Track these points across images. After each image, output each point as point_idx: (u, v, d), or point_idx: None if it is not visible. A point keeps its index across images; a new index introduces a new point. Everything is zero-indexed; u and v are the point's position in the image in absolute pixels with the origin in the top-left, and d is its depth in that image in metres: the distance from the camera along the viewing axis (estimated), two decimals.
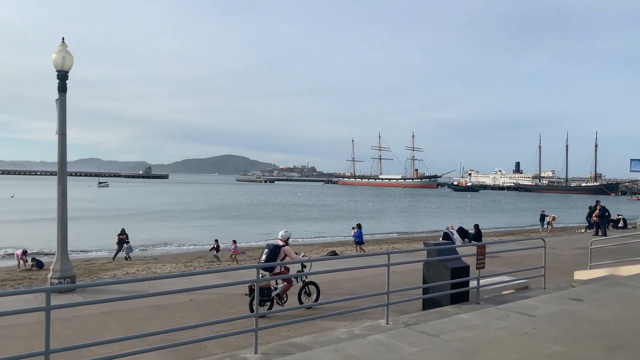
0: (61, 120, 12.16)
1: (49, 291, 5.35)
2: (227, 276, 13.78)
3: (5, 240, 23.69)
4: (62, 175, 12.33)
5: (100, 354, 7.06)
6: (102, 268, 20.97)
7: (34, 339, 8.32)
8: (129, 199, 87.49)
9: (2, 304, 10.25)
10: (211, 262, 22.44)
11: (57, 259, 12.08)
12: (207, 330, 8.47)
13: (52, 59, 11.95)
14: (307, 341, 7.28)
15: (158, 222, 48.52)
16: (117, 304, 10.44)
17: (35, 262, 22.28)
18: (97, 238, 33.90)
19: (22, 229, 38.92)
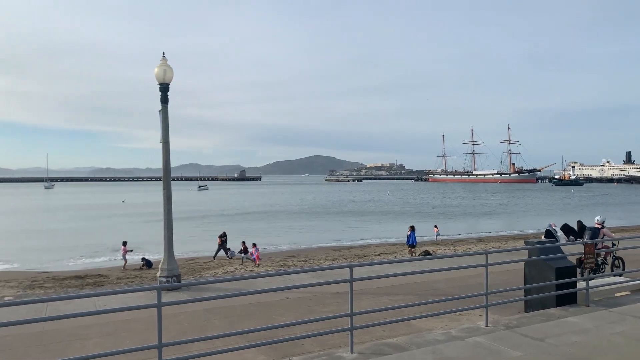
0: (164, 129, 13.06)
1: (159, 289, 5.76)
2: (320, 275, 14.00)
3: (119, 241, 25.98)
4: (166, 180, 13.24)
5: (205, 349, 7.49)
6: (204, 267, 22.23)
7: (146, 333, 9.01)
8: (227, 200, 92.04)
9: (118, 300, 11.23)
10: (304, 261, 22.92)
11: (164, 259, 13.00)
12: (303, 328, 8.66)
13: (154, 73, 12.87)
14: (403, 342, 7.18)
15: (254, 222, 50.52)
16: (218, 302, 11.00)
17: (145, 261, 24.17)
18: (198, 238, 36.04)
19: (133, 230, 42.40)
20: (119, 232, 39.02)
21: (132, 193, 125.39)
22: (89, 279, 20.03)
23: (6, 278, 21.45)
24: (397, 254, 24.21)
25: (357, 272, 13.37)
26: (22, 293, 16.66)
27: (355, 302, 6.97)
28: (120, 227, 45.88)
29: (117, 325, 9.55)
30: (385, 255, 24.64)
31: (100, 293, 6.99)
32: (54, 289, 17.68)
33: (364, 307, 10.36)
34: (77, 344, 8.50)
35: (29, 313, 10.39)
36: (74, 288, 17.61)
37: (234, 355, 7.60)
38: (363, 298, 11.35)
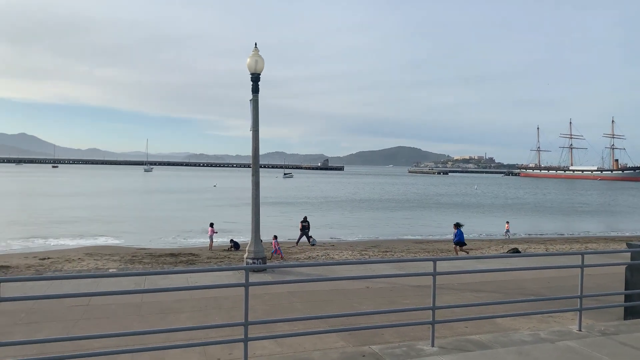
0: (254, 118, 13.55)
1: (247, 269, 6.04)
2: (401, 267, 13.89)
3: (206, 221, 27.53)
4: (255, 167, 13.76)
5: (288, 330, 7.76)
6: (287, 252, 22.89)
7: (233, 311, 9.49)
8: (311, 188, 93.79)
9: (208, 278, 11.90)
10: (385, 252, 22.83)
11: (251, 241, 13.56)
12: (383, 318, 8.67)
13: (246, 63, 13.37)
14: (487, 340, 6.97)
15: (337, 211, 51.06)
16: (300, 285, 11.31)
17: (233, 243, 25.35)
18: (282, 223, 37.12)
19: (222, 213, 44.57)
20: (210, 215, 41.16)
21: (222, 178, 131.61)
22: (182, 257, 21.40)
23: (110, 252, 23.51)
24: (483, 250, 23.37)
25: (440, 266, 13.11)
26: (124, 266, 18.16)
27: (437, 297, 6.86)
28: (210, 210, 48.40)
29: (207, 301, 10.14)
30: (471, 251, 23.89)
31: (193, 270, 7.45)
32: (151, 265, 19.10)
33: (446, 301, 10.16)
34: (172, 316, 9.15)
35: (129, 285, 11.33)
36: (168, 265, 18.90)
37: (315, 338, 7.80)
38: (445, 293, 11.12)
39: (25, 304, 9.45)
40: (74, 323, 8.67)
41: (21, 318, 8.77)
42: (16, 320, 8.59)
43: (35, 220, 38.17)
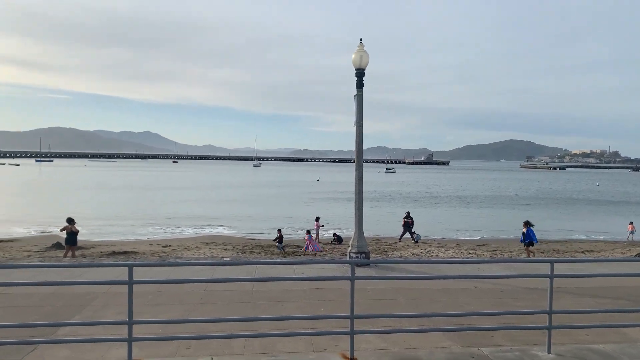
0: (358, 113, 13.62)
1: (353, 264, 6.12)
2: (512, 268, 13.17)
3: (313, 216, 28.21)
4: (359, 162, 13.84)
5: (393, 326, 7.74)
6: (390, 247, 22.77)
7: (337, 303, 9.66)
8: (414, 184, 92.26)
9: (313, 269, 12.21)
10: (494, 252, 21.78)
11: (354, 236, 13.69)
12: (492, 320, 8.31)
13: (351, 59, 13.46)
14: (611, 350, 6.39)
15: (440, 207, 49.70)
16: (404, 282, 11.20)
17: (336, 237, 25.77)
18: (384, 219, 36.95)
19: (325, 207, 45.45)
20: (314, 208, 42.20)
21: (325, 173, 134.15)
22: (288, 249, 22.22)
23: (224, 242, 25.09)
24: (606, 253, 21.40)
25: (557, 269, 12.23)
26: (236, 255, 19.28)
27: (554, 301, 6.42)
28: (314, 204, 49.60)
29: (312, 292, 10.43)
30: (591, 253, 21.99)
31: (300, 262, 7.70)
32: (260, 254, 20.08)
33: (564, 306, 9.46)
34: (280, 305, 9.55)
35: (242, 273, 12.00)
36: (276, 255, 19.72)
37: (420, 336, 7.70)
38: (562, 297, 10.36)
39: (152, 286, 10.41)
40: (193, 307, 9.39)
41: (149, 299, 9.68)
42: (144, 301, 9.49)
43: (158, 211, 41.86)
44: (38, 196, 54.53)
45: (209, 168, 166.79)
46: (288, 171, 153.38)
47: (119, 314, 8.70)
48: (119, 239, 27.27)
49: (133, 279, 5.71)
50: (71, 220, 18.72)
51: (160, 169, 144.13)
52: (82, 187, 69.70)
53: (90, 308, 9.15)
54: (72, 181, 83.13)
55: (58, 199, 51.27)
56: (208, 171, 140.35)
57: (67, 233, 18.33)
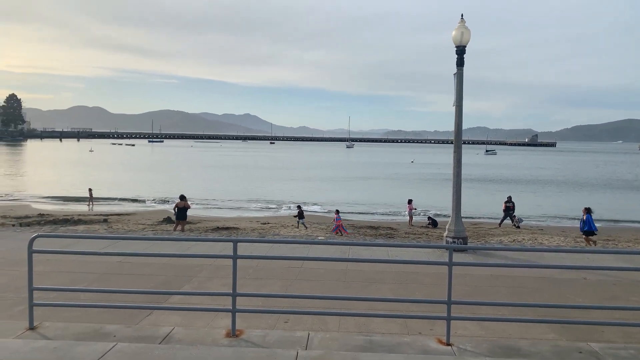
0: (458, 92, 13.11)
1: (451, 249, 5.98)
2: (629, 260, 12.08)
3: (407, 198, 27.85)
4: (457, 143, 13.37)
5: (492, 314, 7.47)
6: (489, 233, 21.87)
7: (432, 288, 9.51)
8: (516, 166, 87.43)
9: (407, 253, 12.11)
10: (606, 240, 20.09)
11: (452, 220, 13.32)
12: (602, 314, 7.73)
13: (452, 36, 12.93)
14: None
15: (545, 192, 46.69)
16: (504, 270, 10.73)
17: (431, 220, 25.27)
18: (483, 203, 35.50)
19: (421, 189, 44.63)
20: (408, 190, 41.62)
21: (420, 154, 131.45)
22: (381, 230, 22.20)
23: (318, 221, 25.66)
24: None
25: None
26: (329, 235, 19.64)
27: None
28: (409, 186, 48.91)
29: (407, 275, 10.36)
30: None
31: (394, 244, 7.66)
32: (353, 235, 20.28)
33: None
34: (374, 286, 9.61)
35: (336, 252, 12.21)
36: (369, 237, 19.79)
37: (521, 326, 7.36)
38: None
39: (252, 261, 10.96)
40: (290, 282, 9.76)
41: (249, 273, 10.21)
42: (245, 275, 10.03)
43: (257, 189, 43.74)
44: (151, 174, 59.34)
45: (303, 149, 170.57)
46: (381, 152, 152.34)
47: (223, 286, 9.28)
48: (222, 215, 28.94)
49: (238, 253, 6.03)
50: (183, 197, 20.25)
51: (259, 150, 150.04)
52: (190, 165, 74.72)
53: (197, 279, 9.85)
54: (181, 160, 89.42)
55: (169, 176, 55.44)
56: (303, 152, 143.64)
57: (178, 208, 19.86)
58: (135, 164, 78.36)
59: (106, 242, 12.46)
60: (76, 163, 74.82)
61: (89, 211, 29.26)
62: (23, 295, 7.66)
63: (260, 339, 5.94)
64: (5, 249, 11.95)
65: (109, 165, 71.63)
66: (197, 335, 6.04)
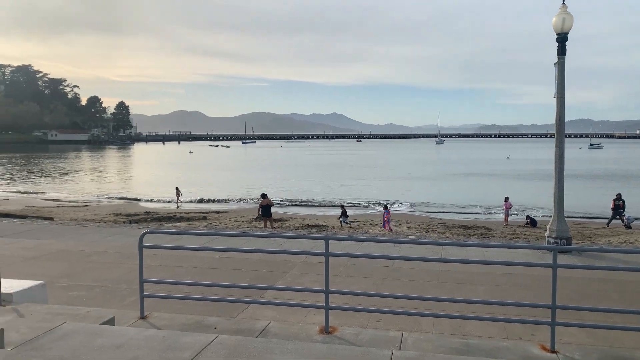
0: (560, 83, 12.24)
1: (555, 250, 5.59)
2: None
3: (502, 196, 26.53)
4: (559, 137, 12.50)
5: (601, 321, 6.90)
6: (595, 233, 20.24)
7: (531, 290, 8.98)
8: (626, 161, 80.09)
9: (504, 253, 11.52)
10: None
11: (553, 219, 12.48)
12: None
13: (552, 23, 12.11)
14: None
15: None
16: (614, 274, 9.86)
17: (529, 219, 23.88)
18: (588, 201, 32.92)
19: (517, 186, 42.32)
20: (504, 188, 39.68)
21: (516, 150, 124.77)
22: (475, 230, 21.36)
23: (407, 220, 25.27)
24: None
25: None
26: (420, 234, 19.23)
27: None
28: (504, 183, 46.63)
29: (503, 277, 9.87)
30: None
31: (490, 245, 7.32)
32: (445, 234, 19.70)
33: None
34: (469, 287, 9.26)
35: (427, 252, 11.93)
36: (462, 236, 19.12)
37: (636, 335, 6.73)
38: None
39: (342, 259, 11.03)
40: (381, 281, 9.70)
41: (340, 271, 10.29)
42: (336, 272, 10.12)
43: (344, 187, 44.03)
44: (246, 172, 61.97)
45: (391, 146, 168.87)
46: (474, 148, 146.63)
47: (314, 282, 9.44)
48: (311, 213, 29.49)
49: (329, 251, 6.10)
50: (264, 195, 21.03)
51: (346, 149, 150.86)
52: (280, 164, 77.03)
53: (290, 275, 10.11)
54: (272, 159, 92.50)
55: (261, 175, 57.57)
56: (390, 150, 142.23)
57: (261, 206, 20.66)
58: (231, 163, 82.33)
59: (206, 238, 13.18)
60: (178, 164, 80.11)
61: (177, 208, 31.50)
62: (134, 287, 8.33)
63: (354, 336, 5.96)
64: (119, 244, 13.08)
65: (207, 166, 75.86)
66: (292, 330, 6.20)
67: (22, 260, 11.16)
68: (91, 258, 11.49)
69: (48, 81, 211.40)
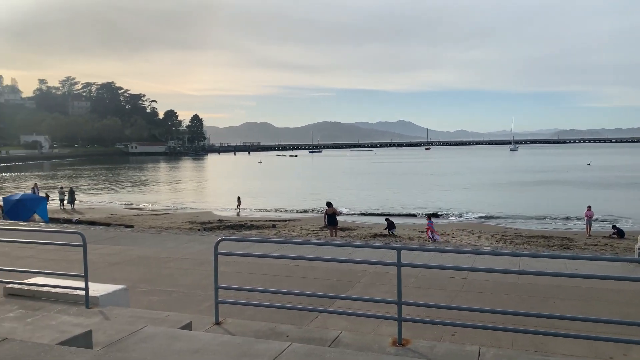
0: None
1: None
2: None
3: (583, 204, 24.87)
4: None
5: None
6: None
7: (622, 306, 8.30)
8: None
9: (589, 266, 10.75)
10: None
11: None
12: None
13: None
14: None
15: None
16: None
17: (616, 230, 22.25)
18: None
19: (601, 195, 39.64)
20: (585, 196, 37.30)
21: (597, 155, 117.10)
22: (554, 240, 20.21)
23: (481, 230, 24.35)
24: None
25: None
26: (495, 245, 18.47)
27: None
28: (585, 192, 43.83)
29: (588, 291, 9.19)
30: None
31: (576, 257, 6.88)
32: (522, 245, 18.78)
33: None
34: (550, 301, 8.72)
35: (504, 264, 11.38)
36: (541, 247, 18.13)
37: None
38: None
39: (413, 269, 10.76)
40: (454, 294, 9.36)
41: (411, 282, 10.04)
42: (407, 283, 9.87)
43: (411, 196, 43.25)
44: (313, 181, 62.63)
45: (461, 154, 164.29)
46: (551, 154, 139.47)
47: (385, 293, 9.27)
48: (378, 222, 29.20)
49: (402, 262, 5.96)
50: (329, 204, 21.08)
51: (414, 156, 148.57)
52: (347, 173, 77.17)
53: (360, 284, 10.00)
54: (339, 168, 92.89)
55: (329, 183, 57.92)
56: (460, 157, 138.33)
57: (327, 215, 20.71)
58: (298, 172, 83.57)
59: (276, 246, 13.38)
60: (248, 174, 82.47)
61: (237, 216, 32.52)
62: (208, 293, 8.57)
63: (428, 350, 5.76)
64: (194, 251, 13.57)
65: (275, 175, 77.49)
66: (364, 341, 6.09)
67: (106, 265, 11.86)
68: (168, 264, 12.00)
69: (129, 97, 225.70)
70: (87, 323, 5.46)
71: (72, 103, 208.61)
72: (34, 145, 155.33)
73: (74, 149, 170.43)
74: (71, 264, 10.25)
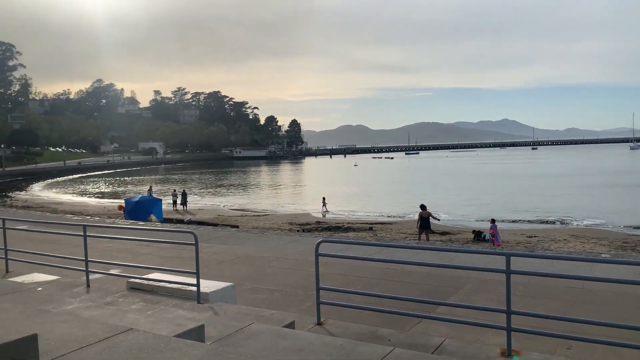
0: None
1: None
2: None
3: None
4: None
5: None
6: None
7: None
8: None
9: None
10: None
11: None
12: None
13: None
14: None
15: None
16: None
17: None
18: None
19: None
20: None
21: None
22: None
23: (597, 236, 22.34)
24: None
25: None
26: (615, 252, 16.84)
27: None
28: None
29: None
30: None
31: None
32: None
33: None
34: None
35: (627, 273, 10.33)
36: None
37: None
38: None
39: (522, 277, 10.11)
40: (570, 304, 8.68)
41: (519, 290, 9.46)
42: (515, 292, 9.28)
43: (518, 199, 40.81)
44: (409, 185, 61.64)
45: (573, 153, 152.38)
46: None
47: (490, 300, 8.81)
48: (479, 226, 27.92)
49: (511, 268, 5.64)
50: (423, 206, 20.53)
51: (520, 157, 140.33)
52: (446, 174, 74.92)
53: (463, 291, 9.62)
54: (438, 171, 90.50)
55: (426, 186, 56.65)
56: (572, 157, 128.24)
57: (421, 217, 20.19)
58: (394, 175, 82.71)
59: (374, 249, 13.32)
60: (344, 176, 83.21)
61: (323, 217, 32.87)
62: (309, 293, 8.74)
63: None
64: (295, 251, 13.94)
65: (372, 177, 77.36)
66: (469, 349, 5.85)
67: (214, 263, 12.57)
68: (271, 263, 12.44)
69: (233, 104, 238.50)
70: (199, 318, 5.81)
71: (183, 112, 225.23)
72: (150, 151, 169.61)
73: (185, 154, 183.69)
74: (184, 261, 10.99)
